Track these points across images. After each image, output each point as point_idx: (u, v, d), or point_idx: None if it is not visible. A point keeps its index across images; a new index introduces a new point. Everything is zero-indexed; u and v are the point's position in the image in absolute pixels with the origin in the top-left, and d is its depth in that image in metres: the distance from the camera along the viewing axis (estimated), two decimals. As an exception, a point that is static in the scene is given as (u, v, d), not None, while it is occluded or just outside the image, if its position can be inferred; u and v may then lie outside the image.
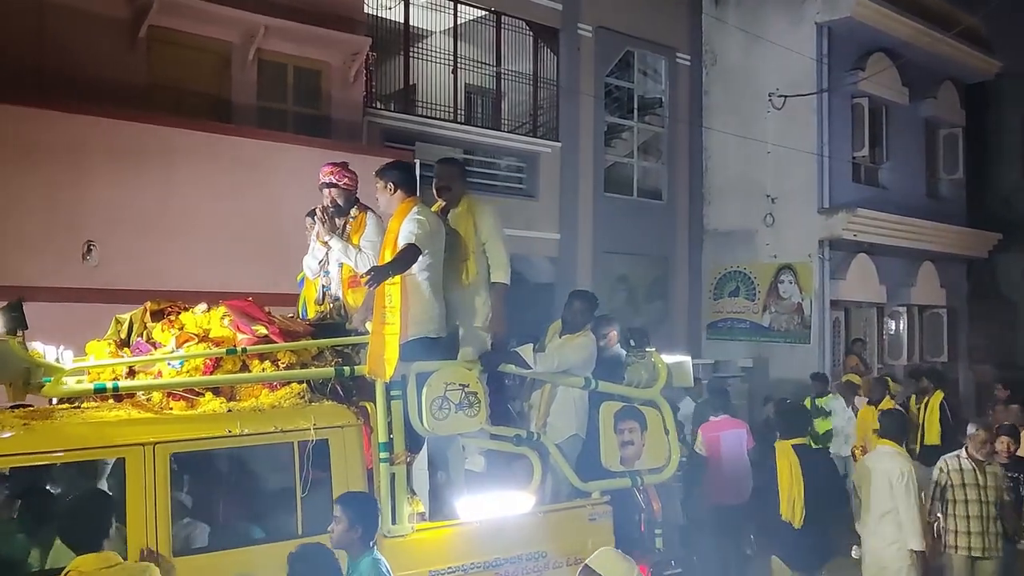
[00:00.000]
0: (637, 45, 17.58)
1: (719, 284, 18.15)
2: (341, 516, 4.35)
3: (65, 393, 4.70)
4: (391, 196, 5.70)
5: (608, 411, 5.94)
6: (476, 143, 15.31)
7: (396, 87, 14.90)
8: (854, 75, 17.30)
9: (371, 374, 5.10)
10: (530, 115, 16.28)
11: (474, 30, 15.67)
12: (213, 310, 5.46)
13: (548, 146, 15.99)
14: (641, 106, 18.04)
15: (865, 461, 7.28)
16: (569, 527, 5.66)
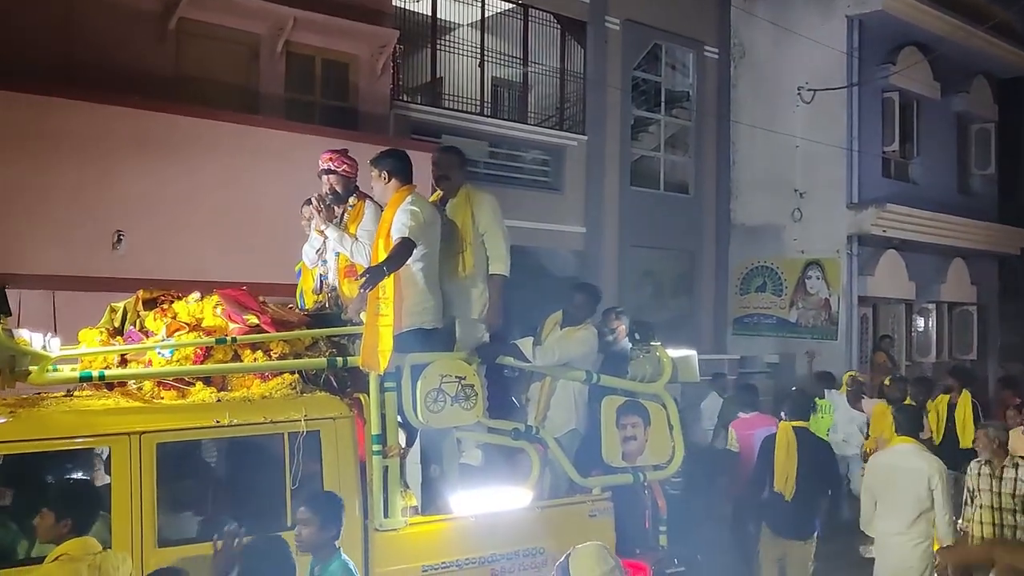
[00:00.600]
0: (665, 38, 17.48)
1: (746, 279, 18.04)
2: (312, 518, 4.22)
3: (51, 381, 4.63)
4: (385, 185, 5.59)
5: (610, 406, 5.83)
6: (502, 136, 15.29)
7: (423, 80, 14.92)
8: (885, 69, 17.11)
9: (365, 366, 4.99)
10: (556, 108, 16.24)
11: (501, 23, 15.64)
12: (206, 299, 5.39)
13: (574, 139, 15.94)
14: (668, 99, 17.95)
15: (885, 458, 7.10)
16: (568, 523, 5.51)
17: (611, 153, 16.41)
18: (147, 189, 9.65)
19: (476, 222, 5.78)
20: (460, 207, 5.82)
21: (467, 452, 5.83)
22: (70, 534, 3.98)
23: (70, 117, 9.25)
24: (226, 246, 9.93)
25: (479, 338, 5.62)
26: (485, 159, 15.11)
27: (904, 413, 7.42)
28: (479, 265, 5.74)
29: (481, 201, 5.87)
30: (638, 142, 17.55)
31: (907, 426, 7.11)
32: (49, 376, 4.57)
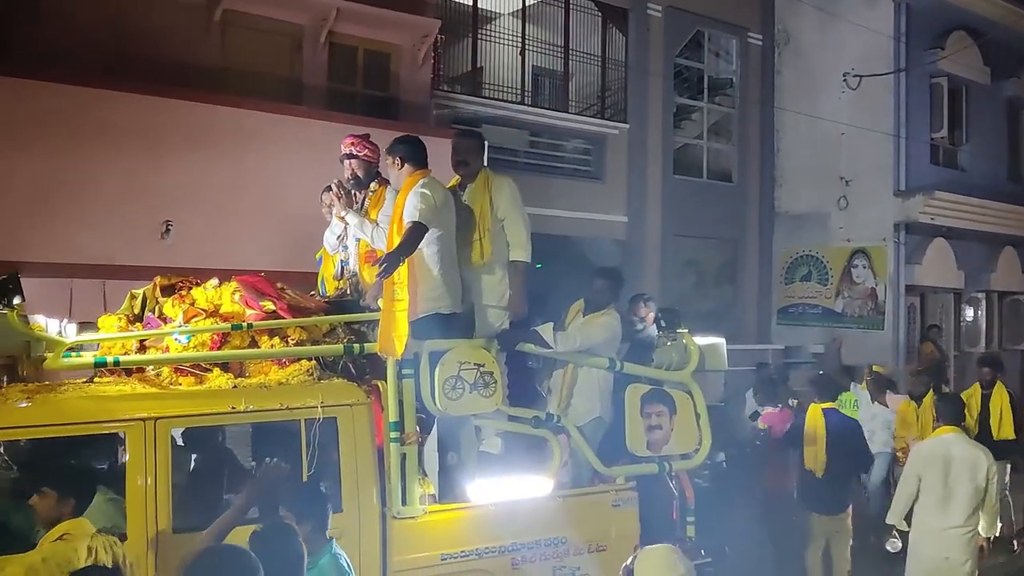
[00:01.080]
0: (708, 25, 17.31)
1: (790, 268, 17.84)
2: (288, 513, 4.09)
3: (65, 367, 4.63)
4: (399, 171, 5.51)
5: (634, 394, 5.69)
6: (543, 125, 15.24)
7: (464, 69, 14.91)
8: (933, 54, 16.78)
9: (382, 351, 4.96)
10: (598, 97, 16.16)
11: (542, 11, 15.59)
12: (224, 285, 5.37)
13: (616, 128, 15.85)
14: (711, 87, 17.78)
15: (937, 448, 6.79)
16: (590, 513, 5.45)
17: (653, 141, 16.30)
18: (193, 179, 9.79)
19: (495, 208, 5.65)
20: (478, 193, 5.68)
21: (487, 440, 5.70)
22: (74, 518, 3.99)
23: (120, 109, 9.40)
24: (270, 235, 10.04)
25: (498, 325, 5.55)
26: (526, 148, 15.09)
27: (946, 401, 7.27)
28: (498, 252, 5.62)
29: (500, 186, 5.73)
30: (680, 130, 17.41)
31: (951, 414, 6.94)
32: (64, 362, 4.58)
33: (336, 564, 4.03)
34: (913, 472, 6.81)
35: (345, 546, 4.42)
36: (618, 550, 5.32)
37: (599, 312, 5.94)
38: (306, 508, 4.08)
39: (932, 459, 6.72)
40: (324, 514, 4.16)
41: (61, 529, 3.90)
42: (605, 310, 5.96)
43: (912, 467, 6.86)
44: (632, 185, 16.01)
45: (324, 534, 4.11)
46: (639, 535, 5.46)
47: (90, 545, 3.75)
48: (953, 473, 6.58)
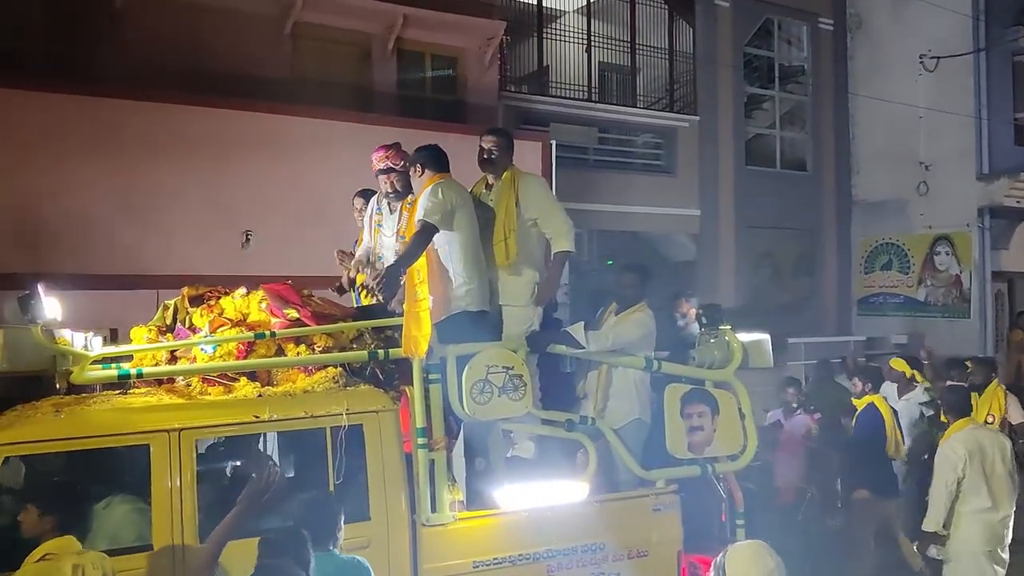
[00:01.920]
0: (777, 12, 17.02)
1: (870, 257, 17.43)
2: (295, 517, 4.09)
3: (91, 380, 4.64)
4: (420, 177, 5.42)
5: (674, 394, 5.46)
6: (611, 121, 15.19)
7: (530, 69, 14.95)
8: (1015, 31, 16.19)
9: (406, 352, 4.89)
10: (666, 90, 16.02)
11: (607, 6, 15.54)
12: (251, 294, 5.35)
13: (686, 120, 15.71)
14: (783, 75, 17.47)
15: (965, 444, 6.37)
16: (630, 518, 5.25)
17: (724, 132, 16.10)
18: (271, 189, 10.02)
19: (521, 208, 5.49)
20: (504, 192, 5.52)
21: (520, 444, 5.58)
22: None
23: (197, 122, 9.67)
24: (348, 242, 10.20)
25: (527, 327, 5.43)
26: (595, 145, 15.06)
27: (957, 393, 6.95)
28: (525, 252, 5.47)
29: (527, 185, 5.57)
30: (752, 120, 17.16)
31: (963, 406, 6.68)
32: (89, 375, 4.58)
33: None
34: (952, 474, 6.38)
35: (374, 555, 4.40)
36: (660, 556, 5.22)
37: (631, 309, 5.68)
38: (305, 517, 4.04)
39: (970, 455, 6.36)
40: (329, 523, 4.10)
41: (43, 549, 3.80)
42: (637, 307, 5.70)
43: (949, 469, 6.41)
44: (704, 178, 15.85)
45: (328, 544, 4.04)
46: (682, 540, 5.29)
47: (76, 563, 3.65)
48: (987, 463, 6.33)
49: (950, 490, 6.34)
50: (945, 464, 6.40)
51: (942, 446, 6.54)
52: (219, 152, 9.77)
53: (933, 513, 6.39)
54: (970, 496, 6.34)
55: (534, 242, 5.55)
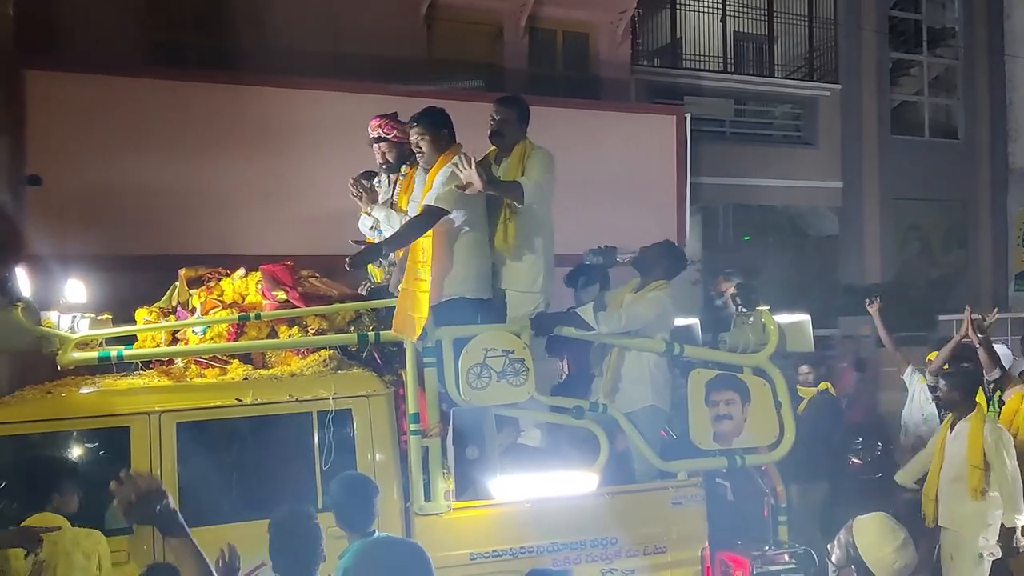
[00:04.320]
0: (925, -29, 16.16)
1: (1029, 229, 16.43)
2: (336, 498, 3.97)
3: (74, 362, 4.61)
4: (426, 147, 5.03)
5: (698, 380, 5.09)
6: (748, 92, 14.78)
7: (662, 42, 14.68)
8: None
9: (396, 332, 4.71)
10: (805, 58, 15.44)
11: (742, -25, 15.09)
12: (250, 276, 5.27)
13: (827, 89, 15.11)
14: (931, 38, 16.61)
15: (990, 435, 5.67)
16: (645, 512, 4.94)
17: (868, 101, 15.43)
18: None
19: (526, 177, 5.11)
20: (511, 168, 5.12)
21: (526, 432, 5.31)
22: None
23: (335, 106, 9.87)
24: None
25: (531, 310, 5.08)
26: (731, 117, 14.69)
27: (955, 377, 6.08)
28: (525, 236, 5.11)
29: (533, 157, 5.13)
30: (898, 87, 16.40)
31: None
32: (74, 357, 4.56)
33: (354, 554, 3.77)
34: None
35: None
36: (680, 552, 4.90)
37: (649, 287, 5.28)
38: (344, 498, 3.93)
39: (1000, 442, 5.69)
40: (361, 506, 3.94)
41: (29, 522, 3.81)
42: (656, 284, 5.27)
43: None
44: (847, 149, 15.24)
45: (366, 525, 3.91)
46: (706, 536, 4.94)
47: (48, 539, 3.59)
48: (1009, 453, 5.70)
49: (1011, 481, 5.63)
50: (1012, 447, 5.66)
51: (1001, 429, 5.75)
52: (355, 135, 9.96)
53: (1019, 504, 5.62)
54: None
55: (537, 225, 5.15)
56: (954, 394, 5.87)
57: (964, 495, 5.59)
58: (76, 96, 8.78)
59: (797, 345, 5.41)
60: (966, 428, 5.70)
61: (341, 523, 3.91)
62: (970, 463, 5.58)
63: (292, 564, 3.49)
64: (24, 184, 8.59)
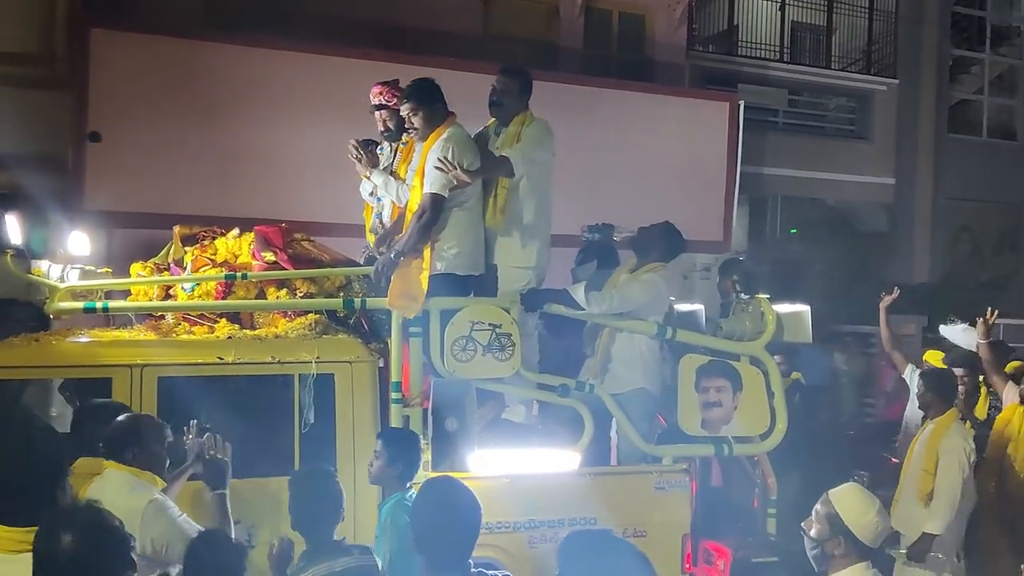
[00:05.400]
0: (993, -33, 15.81)
1: (1085, 234, 16.07)
2: (381, 452, 3.94)
3: (62, 311, 4.67)
4: (419, 119, 4.88)
5: (689, 365, 5.00)
6: (803, 82, 14.57)
7: (719, 28, 14.54)
8: None
9: (391, 306, 4.66)
10: (863, 51, 15.20)
11: (804, -37, 14.88)
12: (244, 236, 5.25)
13: (884, 83, 14.87)
14: (994, 36, 16.24)
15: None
16: (628, 494, 4.87)
17: (926, 97, 15.15)
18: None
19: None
20: (508, 139, 5.00)
21: (511, 408, 5.23)
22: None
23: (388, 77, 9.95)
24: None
25: (521, 285, 5.00)
26: (785, 107, 14.53)
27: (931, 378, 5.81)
28: (514, 212, 4.99)
29: (529, 130, 5.00)
30: (958, 84, 16.06)
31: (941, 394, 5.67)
32: (61, 306, 4.61)
33: (397, 508, 3.80)
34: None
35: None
36: (661, 537, 4.81)
37: (644, 268, 5.16)
38: (390, 452, 3.91)
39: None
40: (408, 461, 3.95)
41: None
42: (651, 266, 5.16)
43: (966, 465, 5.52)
44: (901, 145, 15.00)
45: (408, 481, 3.92)
46: (689, 523, 4.89)
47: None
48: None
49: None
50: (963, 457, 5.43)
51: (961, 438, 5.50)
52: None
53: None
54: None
55: (529, 201, 5.02)
56: (928, 395, 5.68)
57: (914, 498, 5.44)
58: (138, 56, 8.95)
59: (795, 335, 5.33)
60: (930, 430, 5.55)
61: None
62: (921, 467, 5.44)
63: (312, 522, 3.51)
64: (85, 140, 8.80)
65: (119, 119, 8.86)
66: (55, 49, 9.16)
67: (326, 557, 3.40)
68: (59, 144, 8.99)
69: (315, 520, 3.52)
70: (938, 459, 5.39)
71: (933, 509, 5.33)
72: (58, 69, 9.13)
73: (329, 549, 3.46)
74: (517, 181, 4.95)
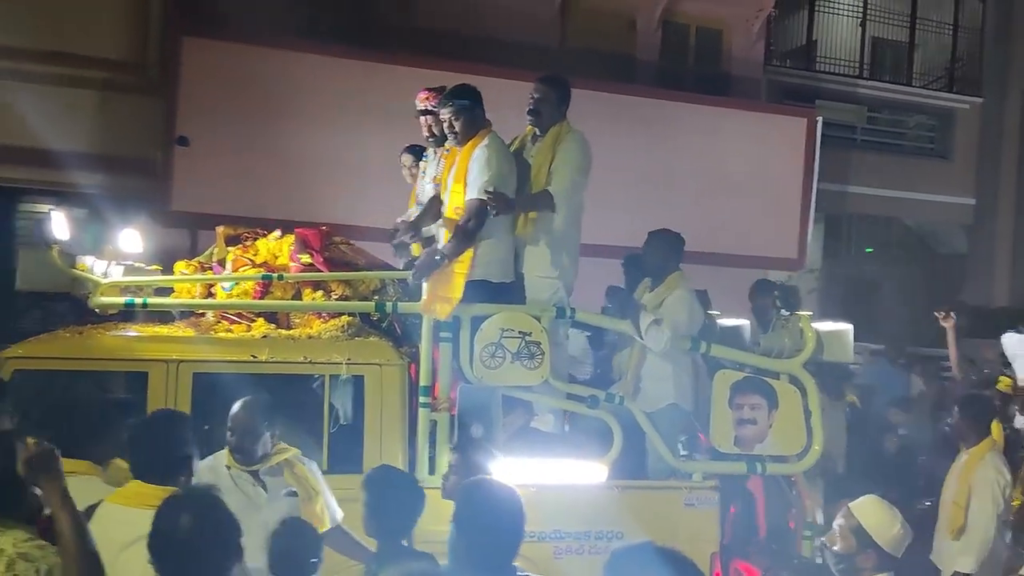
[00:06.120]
0: (1085, -17, 15.35)
1: None
2: (458, 466, 3.85)
3: (104, 306, 4.75)
4: (458, 127, 4.91)
5: (723, 381, 4.89)
6: (883, 99, 14.35)
7: (797, 43, 14.41)
8: None
9: (425, 310, 4.69)
10: (946, 68, 14.91)
11: (887, -22, 14.68)
12: (285, 238, 5.31)
13: (967, 101, 14.57)
14: (1085, 54, 15.76)
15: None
16: (656, 509, 4.80)
17: (1011, 116, 14.76)
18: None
19: (553, 169, 4.93)
20: (542, 152, 5.00)
21: (540, 416, 5.17)
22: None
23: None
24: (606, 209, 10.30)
25: (549, 295, 4.98)
26: (863, 124, 14.33)
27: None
28: (544, 223, 4.95)
29: (566, 142, 4.98)
30: (1045, 104, 15.63)
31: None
32: (103, 301, 4.68)
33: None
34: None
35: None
36: (688, 554, 4.71)
37: (665, 284, 5.08)
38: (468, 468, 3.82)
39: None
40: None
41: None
42: (670, 279, 5.09)
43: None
44: (983, 164, 14.66)
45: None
46: (718, 541, 4.78)
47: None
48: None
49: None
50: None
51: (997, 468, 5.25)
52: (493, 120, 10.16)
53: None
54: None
55: (559, 215, 4.97)
56: (961, 422, 5.45)
57: (945, 533, 5.24)
58: (226, 64, 9.26)
59: (835, 355, 5.22)
60: (964, 461, 5.33)
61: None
62: (952, 500, 5.23)
63: (386, 525, 3.51)
64: (173, 144, 9.12)
65: (206, 124, 9.18)
66: (148, 56, 9.50)
67: (395, 561, 3.39)
68: (149, 147, 9.33)
69: (391, 523, 3.52)
70: (970, 492, 5.17)
71: (964, 545, 5.13)
72: (150, 75, 9.47)
73: (399, 553, 3.46)
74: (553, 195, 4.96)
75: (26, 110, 8.51)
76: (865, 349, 11.99)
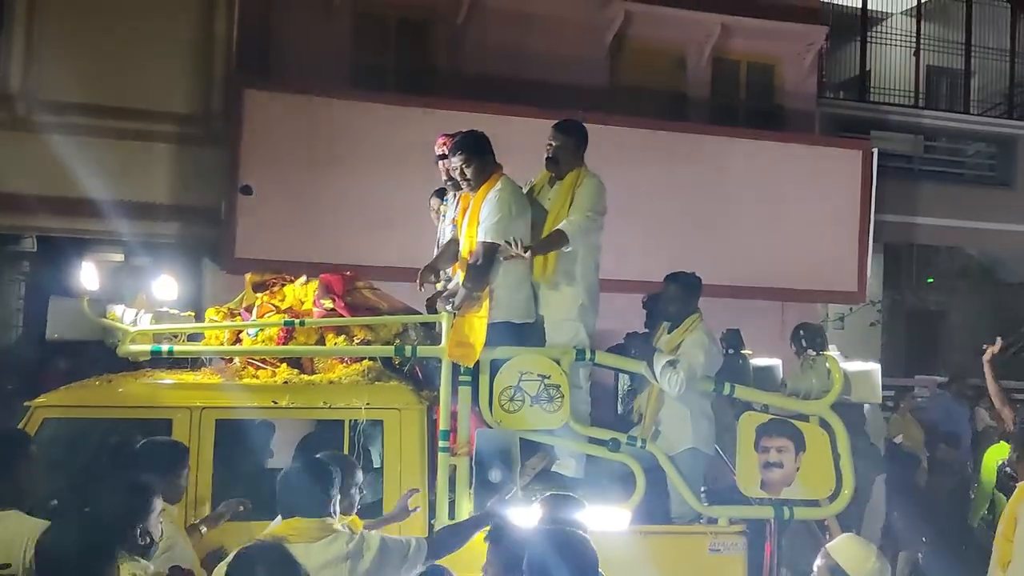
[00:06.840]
0: None
1: None
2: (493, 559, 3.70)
3: (132, 353, 4.83)
4: (468, 172, 4.94)
5: (748, 423, 4.84)
6: (940, 128, 14.20)
7: (850, 74, 14.36)
8: None
9: (452, 357, 4.68)
10: (1004, 95, 14.71)
11: (939, 7, 14.56)
12: (310, 283, 5.37)
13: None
14: None
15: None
16: (680, 555, 4.74)
17: (1075, 142, 14.53)
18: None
19: (570, 211, 4.93)
20: (560, 197, 5.00)
21: (561, 461, 5.11)
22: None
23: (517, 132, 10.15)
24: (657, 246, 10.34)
25: (570, 337, 4.96)
26: (921, 154, 14.18)
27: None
28: (565, 269, 4.97)
29: (583, 189, 4.99)
30: (1108, 129, 15.30)
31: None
32: (131, 348, 4.78)
33: None
34: None
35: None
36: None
37: (683, 327, 5.04)
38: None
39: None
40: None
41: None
42: (688, 321, 5.05)
43: None
44: (1045, 192, 14.40)
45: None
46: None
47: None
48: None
49: None
50: None
51: None
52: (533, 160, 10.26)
53: None
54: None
55: (578, 258, 4.99)
56: (1012, 455, 5.29)
57: (996, 567, 4.95)
58: (288, 114, 9.58)
59: (863, 395, 5.16)
60: (1016, 494, 5.03)
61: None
62: (1001, 533, 4.97)
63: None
64: (237, 193, 9.40)
65: (269, 173, 9.46)
66: (211, 108, 9.82)
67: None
68: (214, 196, 9.65)
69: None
70: (1015, 524, 4.88)
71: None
72: (214, 127, 9.79)
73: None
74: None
75: (96, 163, 8.86)
76: (931, 383, 11.78)
